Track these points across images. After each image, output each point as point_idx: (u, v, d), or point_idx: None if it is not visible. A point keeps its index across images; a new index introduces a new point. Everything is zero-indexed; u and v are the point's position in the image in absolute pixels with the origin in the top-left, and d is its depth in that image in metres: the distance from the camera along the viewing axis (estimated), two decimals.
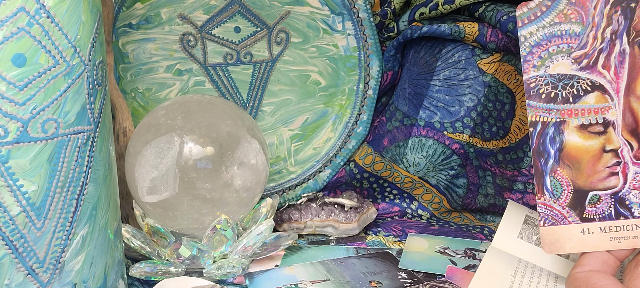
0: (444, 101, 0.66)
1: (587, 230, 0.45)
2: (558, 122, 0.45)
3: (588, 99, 0.45)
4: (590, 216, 0.45)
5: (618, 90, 0.44)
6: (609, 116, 0.44)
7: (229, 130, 0.57)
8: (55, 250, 0.42)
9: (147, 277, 0.55)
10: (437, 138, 0.66)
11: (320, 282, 0.54)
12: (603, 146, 0.45)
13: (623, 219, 0.44)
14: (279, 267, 0.58)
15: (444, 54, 0.65)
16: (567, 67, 0.45)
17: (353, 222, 0.65)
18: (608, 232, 0.44)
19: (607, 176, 0.45)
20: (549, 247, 0.45)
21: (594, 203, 0.45)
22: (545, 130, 0.45)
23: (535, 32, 0.45)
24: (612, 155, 0.45)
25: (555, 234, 0.45)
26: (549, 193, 0.45)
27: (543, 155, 0.45)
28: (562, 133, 0.45)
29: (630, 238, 0.44)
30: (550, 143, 0.45)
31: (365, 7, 0.65)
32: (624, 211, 0.44)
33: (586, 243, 0.45)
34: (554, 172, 0.45)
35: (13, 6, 0.38)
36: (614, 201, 0.45)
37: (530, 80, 0.45)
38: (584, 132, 0.45)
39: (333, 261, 0.59)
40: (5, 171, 0.40)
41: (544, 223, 0.45)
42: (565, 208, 0.45)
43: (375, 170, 0.69)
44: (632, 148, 0.44)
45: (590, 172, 0.45)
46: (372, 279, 0.55)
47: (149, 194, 0.56)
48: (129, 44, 0.66)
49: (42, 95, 0.40)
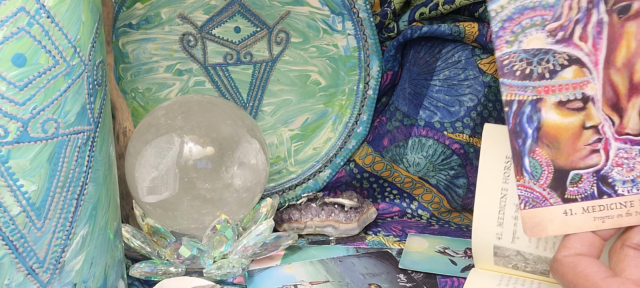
0: (444, 101, 0.66)
1: (570, 211, 0.43)
2: (535, 100, 0.42)
3: (565, 73, 0.42)
4: (572, 196, 0.43)
5: (596, 63, 0.41)
6: (587, 91, 0.42)
7: (229, 130, 0.57)
8: (55, 250, 0.42)
9: (147, 277, 0.55)
10: (437, 138, 0.66)
11: (320, 283, 0.54)
12: (583, 123, 0.42)
13: (606, 198, 0.42)
14: (279, 265, 0.58)
15: (444, 54, 0.65)
16: (542, 41, 0.42)
17: (353, 222, 0.65)
18: (591, 212, 0.42)
19: (588, 154, 0.42)
20: (531, 231, 0.43)
21: (575, 183, 0.43)
22: (521, 109, 0.42)
23: (506, 5, 0.42)
24: (592, 132, 0.42)
25: (537, 217, 0.43)
26: (528, 174, 0.43)
27: (520, 136, 0.43)
28: (539, 111, 0.42)
29: (614, 218, 0.42)
30: (527, 122, 0.43)
31: (365, 7, 0.65)
32: (607, 189, 0.42)
33: (569, 225, 0.42)
34: (533, 152, 0.43)
35: (13, 6, 0.38)
36: (597, 179, 0.42)
37: (503, 57, 0.42)
38: (563, 109, 0.42)
39: (332, 260, 0.59)
40: (5, 171, 0.40)
41: (524, 207, 0.43)
42: (546, 190, 0.43)
43: (375, 170, 0.69)
44: (614, 123, 0.42)
45: (570, 151, 0.42)
46: (372, 282, 0.55)
47: (149, 194, 0.56)
48: (129, 44, 0.66)
49: (42, 95, 0.40)
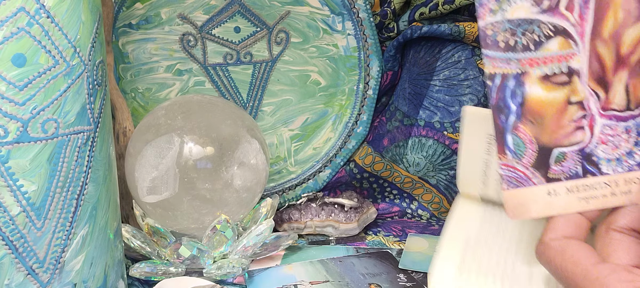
0: (444, 101, 0.66)
1: (553, 191, 0.41)
2: (519, 74, 0.40)
3: (550, 45, 0.40)
4: (556, 176, 0.41)
5: (583, 34, 0.39)
6: (573, 64, 0.40)
7: (229, 130, 0.57)
8: (55, 250, 0.42)
9: (147, 277, 0.55)
10: (437, 138, 0.66)
11: (320, 283, 0.54)
12: (568, 98, 0.40)
13: (591, 177, 0.40)
14: (279, 266, 0.58)
15: (444, 54, 0.65)
16: (527, 11, 0.40)
17: (353, 222, 0.65)
18: (575, 192, 0.41)
19: (573, 130, 0.40)
20: (513, 212, 0.41)
21: (559, 161, 0.41)
22: (504, 83, 0.40)
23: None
24: (577, 108, 0.40)
25: (520, 198, 0.41)
26: (511, 152, 0.41)
27: (503, 111, 0.41)
28: (523, 85, 0.40)
29: (599, 198, 0.40)
30: (511, 97, 0.41)
31: (365, 7, 0.65)
32: (592, 168, 0.41)
33: (553, 206, 0.41)
34: (516, 129, 0.41)
35: (13, 6, 0.38)
36: (581, 158, 0.41)
37: (487, 27, 0.40)
38: (547, 83, 0.40)
39: (332, 260, 0.59)
40: (5, 171, 0.40)
41: (507, 187, 0.41)
42: (530, 169, 0.41)
43: (375, 170, 0.69)
44: (599, 98, 0.40)
45: (554, 127, 0.41)
46: (372, 281, 0.55)
47: (149, 194, 0.56)
48: (129, 44, 0.66)
49: (42, 95, 0.40)
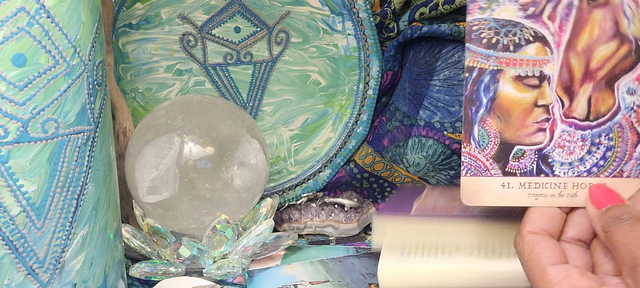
0: (444, 101, 0.66)
1: (507, 184, 0.44)
2: (495, 71, 0.43)
3: (528, 49, 0.43)
4: (512, 170, 0.44)
5: (559, 44, 0.43)
6: (545, 70, 0.43)
7: (229, 130, 0.57)
8: (55, 250, 0.42)
9: (147, 277, 0.55)
10: (437, 138, 0.66)
11: (320, 283, 0.54)
12: (535, 100, 0.43)
13: (543, 176, 0.44)
14: (279, 266, 0.58)
15: (444, 54, 0.65)
16: (513, 13, 0.43)
17: (353, 222, 0.65)
18: (527, 188, 0.44)
19: (534, 131, 0.44)
20: (468, 198, 0.44)
21: (518, 157, 0.44)
22: (481, 77, 0.44)
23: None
24: (542, 111, 0.43)
25: (476, 185, 0.44)
26: (475, 143, 0.44)
27: (475, 103, 0.44)
28: (497, 82, 0.43)
29: (547, 196, 0.43)
30: (484, 91, 0.44)
31: (365, 7, 0.65)
32: (546, 168, 0.44)
33: (505, 198, 0.44)
34: (483, 122, 0.44)
35: (13, 6, 0.38)
36: (538, 157, 0.44)
37: (474, 23, 0.43)
38: (519, 84, 0.43)
39: (332, 260, 0.59)
40: (5, 171, 0.40)
41: (465, 173, 0.44)
42: (489, 160, 0.44)
43: (375, 170, 0.69)
44: (563, 105, 0.43)
45: (518, 126, 0.44)
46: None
47: (149, 194, 0.56)
48: (129, 44, 0.66)
49: (42, 95, 0.40)
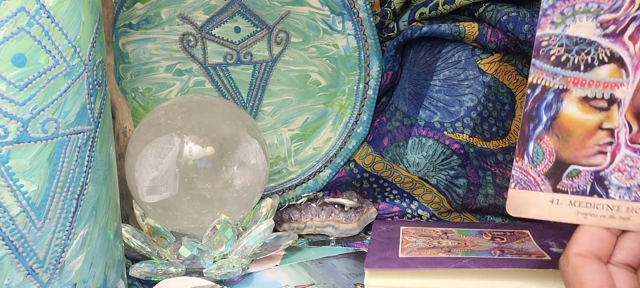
0: (444, 101, 0.66)
1: (557, 200, 0.42)
2: (560, 90, 0.41)
3: (601, 70, 0.40)
4: (564, 188, 0.42)
5: (637, 67, 0.40)
6: (617, 93, 0.40)
7: (229, 130, 0.57)
8: (55, 250, 0.42)
9: (147, 277, 0.55)
10: (437, 138, 0.66)
11: (306, 286, 0.54)
12: (600, 123, 0.41)
13: (596, 197, 0.42)
14: (261, 271, 0.58)
15: (444, 54, 0.65)
16: (590, 31, 0.40)
17: (353, 222, 0.65)
18: (577, 206, 0.42)
19: (595, 153, 0.42)
20: (514, 210, 0.43)
21: (572, 177, 0.42)
22: (543, 95, 0.42)
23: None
24: (606, 134, 0.41)
25: (523, 198, 0.43)
26: (529, 158, 0.43)
27: (534, 120, 0.42)
28: (561, 101, 0.41)
29: (597, 217, 0.42)
30: (545, 109, 0.42)
31: (365, 7, 0.65)
32: (600, 190, 0.42)
33: (552, 212, 0.42)
34: (540, 139, 0.42)
35: (13, 6, 0.38)
36: (594, 179, 0.42)
37: (544, 38, 0.41)
38: (585, 105, 0.41)
39: (312, 262, 0.59)
40: (5, 171, 0.40)
41: (514, 186, 0.43)
42: (541, 176, 0.43)
43: (375, 170, 0.69)
44: (631, 130, 0.41)
45: (578, 147, 0.42)
46: (357, 282, 0.55)
47: (149, 194, 0.56)
48: (129, 44, 0.66)
49: (42, 95, 0.40)
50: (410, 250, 0.55)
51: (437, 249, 0.54)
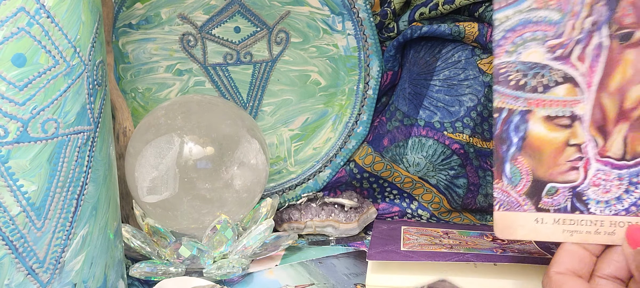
0: (444, 101, 0.66)
1: (541, 219, 0.44)
2: (524, 111, 0.44)
3: (558, 90, 0.43)
4: (546, 207, 0.44)
5: (590, 84, 0.43)
6: (577, 110, 0.43)
7: (229, 130, 0.57)
8: (55, 250, 0.42)
9: (147, 277, 0.55)
10: (437, 138, 0.66)
11: (306, 286, 0.54)
12: (567, 140, 0.44)
13: (578, 213, 0.44)
14: (260, 271, 0.58)
15: (444, 54, 0.65)
16: (540, 56, 0.43)
17: (353, 222, 0.65)
18: (561, 224, 0.44)
19: (567, 170, 0.44)
20: (502, 232, 0.45)
21: (551, 194, 0.44)
22: (510, 117, 0.44)
23: (511, 16, 0.43)
24: (575, 150, 0.44)
25: (509, 220, 0.45)
26: (507, 179, 0.45)
27: (505, 142, 0.44)
28: (527, 122, 0.44)
29: (583, 233, 0.43)
30: (513, 131, 0.44)
31: (365, 7, 0.65)
32: (580, 206, 0.44)
33: (538, 232, 0.44)
34: (515, 159, 0.44)
35: (13, 6, 0.38)
36: (572, 195, 0.44)
37: (501, 66, 0.44)
38: (550, 124, 0.44)
39: (312, 262, 0.59)
40: (5, 171, 0.40)
41: (498, 208, 0.45)
42: (522, 196, 0.44)
43: (375, 170, 0.69)
44: (598, 144, 0.43)
45: (551, 164, 0.44)
46: (357, 282, 0.55)
47: (149, 194, 0.56)
48: (129, 44, 0.66)
49: (42, 95, 0.40)
50: (412, 246, 0.55)
51: (439, 246, 0.54)
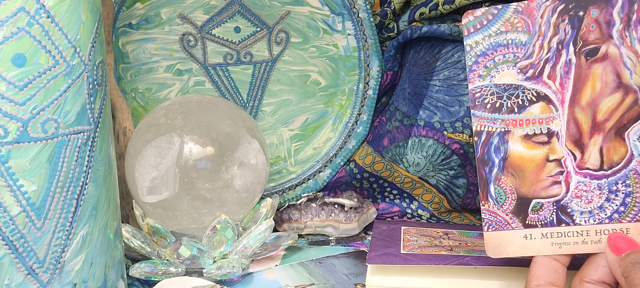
0: (443, 101, 0.66)
1: (530, 235, 0.46)
2: (503, 132, 0.45)
3: (533, 109, 0.45)
4: (533, 223, 0.46)
5: (563, 101, 0.44)
6: (553, 126, 0.45)
7: (229, 130, 0.57)
8: (55, 250, 0.42)
9: (147, 277, 0.55)
10: (437, 138, 0.66)
11: (306, 286, 0.54)
12: (547, 156, 0.45)
13: (564, 226, 0.45)
14: (260, 271, 0.58)
15: (444, 54, 0.65)
16: (513, 77, 0.45)
17: (353, 222, 0.65)
18: (549, 238, 0.45)
19: (550, 185, 0.45)
20: (493, 251, 0.46)
21: (536, 210, 0.45)
22: (490, 139, 0.46)
23: (481, 41, 0.45)
24: (555, 165, 0.45)
25: (499, 239, 0.46)
26: (493, 200, 0.46)
27: (487, 164, 0.46)
28: (506, 142, 0.45)
29: (571, 244, 0.45)
30: (494, 152, 0.46)
31: (365, 7, 0.65)
32: (566, 218, 0.45)
33: (528, 248, 0.45)
34: (498, 180, 0.46)
35: (13, 6, 0.38)
36: (556, 208, 0.45)
37: (476, 90, 0.45)
38: (528, 142, 0.45)
39: (312, 262, 0.59)
40: (5, 171, 0.40)
41: (487, 229, 0.46)
42: (509, 215, 0.46)
43: (375, 170, 0.69)
44: (575, 158, 0.45)
45: (533, 181, 0.45)
46: (357, 282, 0.55)
47: (149, 194, 0.56)
48: (129, 44, 0.66)
49: (42, 95, 0.40)
50: (412, 248, 0.55)
51: (439, 248, 0.55)
